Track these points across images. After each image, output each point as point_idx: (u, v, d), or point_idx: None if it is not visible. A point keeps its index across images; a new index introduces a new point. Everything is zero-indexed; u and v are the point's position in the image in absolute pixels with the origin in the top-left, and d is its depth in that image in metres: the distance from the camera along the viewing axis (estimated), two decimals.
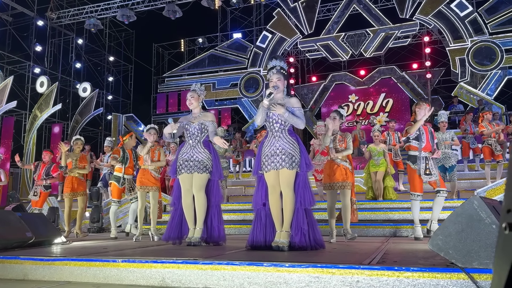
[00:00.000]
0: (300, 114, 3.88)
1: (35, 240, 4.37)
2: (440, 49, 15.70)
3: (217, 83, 17.88)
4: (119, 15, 16.51)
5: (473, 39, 14.34)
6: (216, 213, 4.50)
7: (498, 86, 14.21)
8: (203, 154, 4.46)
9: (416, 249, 3.77)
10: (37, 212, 7.04)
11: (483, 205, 2.38)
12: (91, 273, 3.13)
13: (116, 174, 6.47)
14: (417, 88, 15.97)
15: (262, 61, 17.11)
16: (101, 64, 19.70)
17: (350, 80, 16.95)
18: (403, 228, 5.96)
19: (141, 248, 4.27)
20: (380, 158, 7.38)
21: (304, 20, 16.45)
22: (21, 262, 3.37)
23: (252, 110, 16.87)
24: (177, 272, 2.90)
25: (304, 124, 3.90)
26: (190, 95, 4.63)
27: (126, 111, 19.66)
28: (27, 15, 16.70)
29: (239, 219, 7.26)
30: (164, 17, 16.32)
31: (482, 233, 2.34)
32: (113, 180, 6.48)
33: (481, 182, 8.43)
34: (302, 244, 3.64)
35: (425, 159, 5.06)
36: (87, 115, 16.02)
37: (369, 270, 2.49)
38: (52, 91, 14.87)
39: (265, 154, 3.89)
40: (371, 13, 15.86)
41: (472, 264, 2.33)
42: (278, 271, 2.65)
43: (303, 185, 3.82)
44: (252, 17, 18.69)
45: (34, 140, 14.69)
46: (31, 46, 16.64)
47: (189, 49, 20.34)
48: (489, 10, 14.46)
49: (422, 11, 15.00)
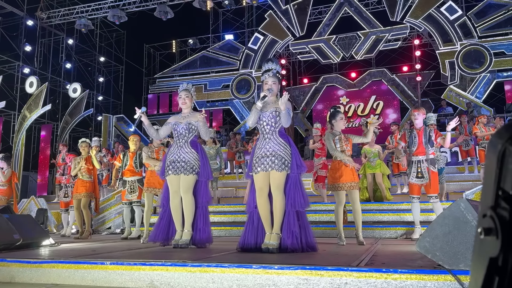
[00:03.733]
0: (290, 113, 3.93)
1: (22, 242, 4.32)
2: (430, 52, 15.86)
3: (208, 84, 17.86)
4: (110, 15, 16.43)
5: (463, 43, 14.51)
6: (202, 214, 4.44)
7: (487, 89, 14.39)
8: (190, 154, 4.41)
9: (404, 251, 3.80)
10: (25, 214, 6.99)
11: (470, 208, 2.41)
12: (79, 276, 3.10)
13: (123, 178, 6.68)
14: (407, 90, 16.11)
15: (254, 62, 17.13)
16: (92, 64, 19.59)
17: (341, 82, 17.05)
18: (392, 230, 6.01)
19: (129, 251, 4.24)
20: (376, 159, 7.42)
21: (295, 22, 16.51)
22: (7, 264, 3.33)
23: (244, 112, 16.88)
24: (165, 275, 2.88)
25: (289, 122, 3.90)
26: (185, 95, 4.52)
27: (116, 112, 19.53)
28: (17, 15, 16.55)
29: (230, 220, 7.25)
30: (155, 18, 16.28)
31: (469, 235, 2.37)
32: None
33: (470, 184, 8.51)
34: (294, 247, 3.64)
35: (417, 163, 5.16)
36: (77, 116, 15.88)
37: (357, 272, 2.50)
38: (41, 92, 14.73)
39: (256, 156, 3.91)
40: (362, 16, 15.97)
41: (458, 266, 2.35)
42: (267, 273, 2.65)
43: (294, 187, 3.80)
44: (244, 18, 18.72)
45: (23, 141, 14.53)
46: (21, 46, 16.49)
47: (181, 50, 20.30)
48: (478, 14, 14.64)
49: (412, 14, 15.14)
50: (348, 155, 4.71)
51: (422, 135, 5.22)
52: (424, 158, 5.16)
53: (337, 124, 4.80)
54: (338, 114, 4.84)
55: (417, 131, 5.27)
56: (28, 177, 15.84)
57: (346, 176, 4.62)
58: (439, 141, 5.35)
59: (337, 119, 4.80)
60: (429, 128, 5.33)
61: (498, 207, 0.56)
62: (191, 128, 4.47)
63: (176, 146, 4.49)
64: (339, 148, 4.72)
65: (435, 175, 5.18)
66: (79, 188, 6.82)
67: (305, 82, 18.00)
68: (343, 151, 4.70)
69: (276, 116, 3.88)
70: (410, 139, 5.32)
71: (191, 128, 4.47)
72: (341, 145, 4.73)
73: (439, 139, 5.35)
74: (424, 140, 5.19)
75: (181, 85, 4.65)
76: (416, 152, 5.22)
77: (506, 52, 14.29)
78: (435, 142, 5.29)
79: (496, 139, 0.58)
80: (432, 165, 5.15)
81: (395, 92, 16.28)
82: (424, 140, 5.19)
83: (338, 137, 4.77)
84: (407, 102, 15.95)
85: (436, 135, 5.34)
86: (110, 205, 8.43)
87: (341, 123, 4.82)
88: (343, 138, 4.75)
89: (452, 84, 14.62)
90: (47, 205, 9.50)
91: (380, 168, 7.39)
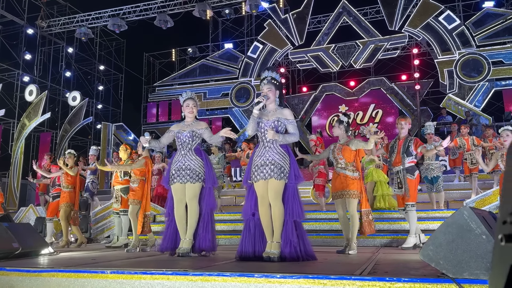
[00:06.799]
0: (294, 128, 3.90)
1: (21, 251, 4.29)
2: (428, 61, 15.92)
3: (208, 92, 17.89)
4: (110, 24, 16.49)
5: (461, 52, 14.58)
6: (208, 221, 4.41)
7: (486, 97, 14.43)
8: (195, 161, 4.42)
9: (407, 260, 3.77)
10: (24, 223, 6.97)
11: (473, 216, 2.40)
12: (79, 285, 3.07)
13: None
14: (406, 99, 16.14)
15: (253, 71, 17.18)
16: (91, 73, 19.63)
17: (340, 91, 17.09)
18: (394, 238, 5.97)
19: (130, 259, 4.21)
20: (368, 167, 7.36)
21: (295, 31, 16.59)
22: (7, 273, 3.30)
23: (243, 120, 16.89)
24: (167, 284, 2.86)
25: (298, 137, 3.93)
26: (193, 104, 4.54)
27: (116, 120, 19.52)
28: (17, 23, 16.60)
29: (230, 229, 7.21)
30: (155, 26, 16.34)
31: (472, 243, 2.35)
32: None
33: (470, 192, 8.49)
34: (292, 256, 3.62)
35: (396, 174, 5.18)
36: (76, 124, 15.87)
37: (360, 281, 2.48)
38: (41, 100, 14.73)
39: (255, 164, 3.89)
40: (361, 25, 16.06)
41: (462, 275, 2.33)
42: (269, 282, 2.63)
43: (292, 197, 3.80)
44: (243, 27, 18.82)
45: (22, 149, 14.50)
46: (21, 54, 16.52)
47: (180, 58, 20.36)
48: (476, 23, 14.74)
49: (411, 23, 15.23)
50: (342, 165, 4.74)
51: (401, 145, 5.21)
52: (401, 168, 5.15)
53: (334, 131, 4.92)
54: (336, 122, 4.91)
55: (399, 141, 5.27)
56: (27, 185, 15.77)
57: (337, 185, 4.73)
58: (420, 150, 5.18)
59: (334, 126, 4.90)
60: (410, 138, 5.27)
61: None
62: (195, 135, 4.48)
63: (179, 154, 4.49)
64: (332, 157, 4.86)
65: (412, 183, 5.13)
66: (61, 198, 7.04)
67: (304, 91, 18.03)
68: (335, 159, 4.81)
69: (278, 126, 3.87)
70: (392, 148, 5.32)
71: (195, 135, 4.48)
72: (333, 155, 4.84)
73: (419, 148, 5.15)
74: (402, 150, 5.17)
75: (184, 93, 4.66)
76: (394, 162, 5.24)
77: (504, 61, 14.36)
78: (415, 151, 5.19)
79: None
80: (410, 174, 5.12)
81: (394, 100, 16.31)
82: (402, 150, 5.17)
83: (333, 145, 4.89)
84: (406, 111, 15.98)
85: (416, 144, 5.17)
86: (109, 213, 8.38)
87: (336, 130, 4.89)
88: (337, 147, 4.83)
89: (450, 92, 14.66)
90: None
91: (370, 177, 7.33)
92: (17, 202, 13.67)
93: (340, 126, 4.86)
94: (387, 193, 7.21)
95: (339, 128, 4.86)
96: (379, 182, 7.26)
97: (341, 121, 4.90)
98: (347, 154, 4.75)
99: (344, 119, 4.95)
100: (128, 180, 6.35)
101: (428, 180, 7.38)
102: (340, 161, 4.76)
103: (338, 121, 4.91)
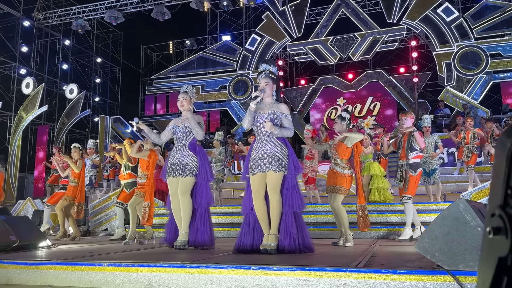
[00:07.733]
0: (289, 123, 3.90)
1: (19, 244, 4.30)
2: (426, 54, 15.90)
3: (206, 85, 17.84)
4: (107, 16, 16.39)
5: (459, 44, 14.55)
6: (202, 216, 4.43)
7: (483, 90, 14.44)
8: (188, 157, 4.44)
9: (403, 252, 3.79)
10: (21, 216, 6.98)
11: (469, 208, 2.41)
12: (77, 277, 3.08)
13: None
14: (404, 92, 16.14)
15: (251, 63, 17.13)
16: (88, 65, 19.53)
17: (338, 84, 17.07)
18: (390, 230, 6.00)
19: (128, 252, 4.22)
20: (366, 161, 7.41)
21: (293, 23, 16.52)
22: (4, 266, 3.30)
23: (241, 113, 16.87)
24: (164, 276, 2.87)
25: (292, 133, 3.93)
26: (183, 97, 4.55)
27: (113, 113, 19.47)
28: (13, 15, 16.48)
29: (228, 222, 7.23)
30: (152, 18, 16.25)
31: (468, 236, 2.37)
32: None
33: (467, 185, 8.52)
34: (291, 248, 3.63)
35: (400, 167, 5.24)
36: (73, 117, 15.83)
37: (356, 273, 2.50)
38: (38, 93, 14.67)
39: (253, 158, 3.90)
40: (359, 17, 16.00)
41: (457, 267, 2.35)
42: (266, 274, 2.64)
43: (291, 188, 3.81)
44: (241, 19, 18.72)
45: (19, 142, 14.47)
46: (17, 46, 16.43)
47: (178, 51, 20.28)
48: (474, 15, 14.70)
49: (409, 15, 15.18)
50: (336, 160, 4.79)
51: (406, 140, 5.24)
52: (405, 162, 5.18)
53: (335, 127, 4.93)
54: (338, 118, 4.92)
55: (404, 137, 5.30)
56: (24, 178, 15.76)
57: (327, 180, 4.86)
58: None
59: (336, 122, 4.92)
60: (412, 134, 5.27)
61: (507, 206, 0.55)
62: (188, 131, 4.49)
63: (175, 149, 4.55)
64: (329, 151, 5.00)
65: (413, 179, 5.16)
66: (66, 191, 7.05)
67: (302, 83, 18.01)
68: (331, 154, 4.92)
69: (274, 119, 3.87)
70: (399, 144, 5.41)
71: (188, 131, 4.49)
72: (330, 149, 4.96)
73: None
74: (406, 146, 5.20)
75: (182, 87, 4.68)
76: (400, 156, 5.31)
77: (503, 53, 14.35)
78: (420, 146, 5.21)
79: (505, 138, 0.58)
80: (412, 170, 5.14)
81: (392, 93, 16.31)
82: (406, 146, 5.20)
83: (332, 141, 4.91)
84: (404, 103, 15.99)
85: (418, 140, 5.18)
86: (107, 206, 8.39)
87: (337, 126, 4.89)
88: (333, 144, 4.89)
89: (448, 85, 14.66)
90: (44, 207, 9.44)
91: (367, 170, 7.37)
92: (14, 195, 13.68)
93: (342, 122, 4.86)
94: (382, 187, 7.28)
95: (341, 125, 4.86)
96: (375, 176, 7.33)
97: (343, 117, 4.90)
98: (342, 150, 4.77)
99: (346, 115, 4.94)
100: (131, 174, 6.40)
101: (425, 173, 7.41)
102: (335, 156, 4.83)
103: (340, 117, 4.91)
